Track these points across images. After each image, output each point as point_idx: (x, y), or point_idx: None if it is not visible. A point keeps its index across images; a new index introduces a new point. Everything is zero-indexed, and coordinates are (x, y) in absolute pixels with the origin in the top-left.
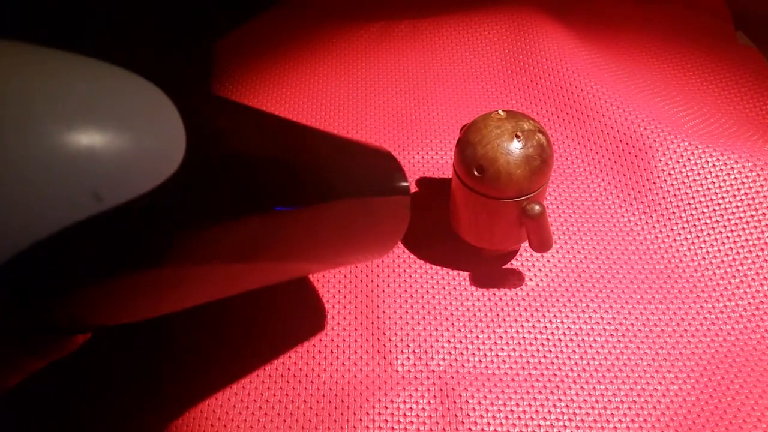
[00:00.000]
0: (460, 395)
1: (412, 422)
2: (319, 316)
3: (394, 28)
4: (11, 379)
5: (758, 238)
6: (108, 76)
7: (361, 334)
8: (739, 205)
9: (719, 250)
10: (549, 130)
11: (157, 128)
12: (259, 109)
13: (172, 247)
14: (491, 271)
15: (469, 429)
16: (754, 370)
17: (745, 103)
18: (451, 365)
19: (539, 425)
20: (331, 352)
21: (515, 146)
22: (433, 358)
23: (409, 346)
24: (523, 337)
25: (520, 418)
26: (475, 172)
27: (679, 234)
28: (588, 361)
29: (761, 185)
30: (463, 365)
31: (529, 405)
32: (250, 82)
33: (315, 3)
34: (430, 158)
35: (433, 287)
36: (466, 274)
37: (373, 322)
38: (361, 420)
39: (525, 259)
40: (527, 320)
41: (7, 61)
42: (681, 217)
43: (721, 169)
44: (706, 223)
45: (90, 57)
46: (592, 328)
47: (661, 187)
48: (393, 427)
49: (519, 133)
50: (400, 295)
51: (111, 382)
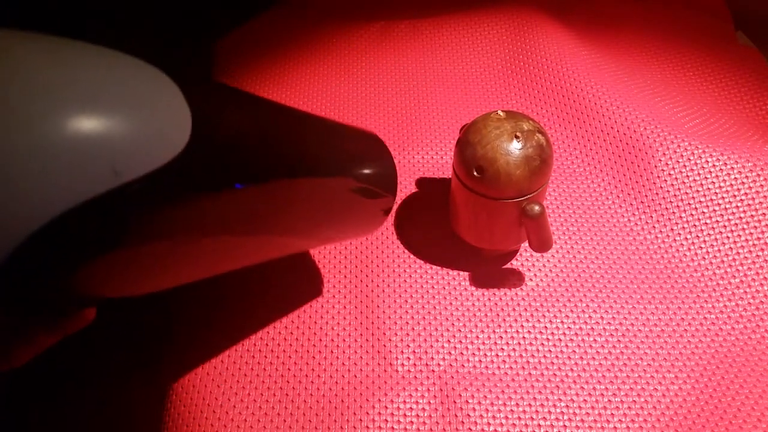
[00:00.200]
0: (460, 395)
1: (412, 422)
2: (319, 316)
3: (394, 28)
4: (25, 354)
5: (758, 238)
6: (119, 63)
7: (361, 334)
8: (739, 205)
9: (719, 250)
10: (549, 130)
11: (166, 110)
12: (252, 94)
13: (181, 217)
14: (491, 271)
15: (469, 429)
16: (754, 370)
17: (745, 103)
18: (451, 365)
19: (539, 425)
20: (331, 352)
21: (515, 146)
22: (433, 358)
23: (409, 346)
24: (523, 337)
25: (520, 418)
26: (475, 173)
27: (679, 234)
28: (588, 361)
29: (761, 185)
30: (463, 365)
31: (529, 405)
32: (250, 82)
33: (315, 3)
34: (430, 158)
35: (433, 287)
36: (466, 274)
37: (373, 322)
38: (361, 420)
39: (525, 259)
40: (527, 320)
41: (25, 47)
42: (681, 217)
43: (721, 169)
44: (706, 223)
45: (98, 45)
46: (592, 328)
47: (661, 187)
48: (393, 427)
49: (518, 134)
50: (400, 295)
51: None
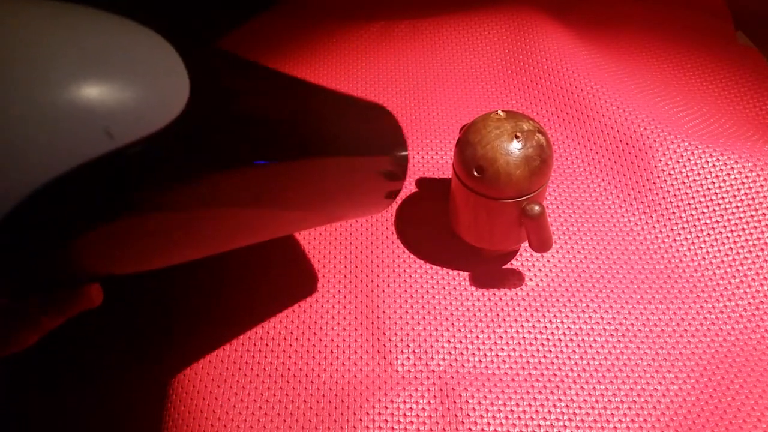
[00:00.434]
0: (460, 395)
1: (412, 422)
2: (320, 316)
3: (394, 28)
4: (27, 338)
5: (758, 238)
6: (116, 26)
7: (361, 334)
8: (739, 205)
9: (719, 250)
10: (549, 130)
11: (162, 75)
12: (260, 63)
13: (181, 187)
14: (491, 271)
15: (469, 429)
16: (754, 370)
17: (745, 103)
18: (451, 365)
19: (539, 425)
20: (331, 352)
21: (515, 146)
22: (433, 358)
23: (409, 346)
24: (523, 337)
25: (520, 418)
26: (475, 173)
27: (679, 234)
28: (588, 361)
29: (761, 185)
30: (463, 365)
31: (529, 405)
32: None
33: (315, 3)
34: (430, 158)
35: (433, 287)
36: (466, 274)
37: (373, 322)
38: (361, 420)
39: (525, 259)
40: (527, 320)
41: (20, 10)
42: (681, 217)
43: (721, 169)
44: (706, 223)
45: (98, 9)
46: (592, 328)
47: (661, 187)
48: (393, 427)
49: (518, 134)
50: (400, 295)
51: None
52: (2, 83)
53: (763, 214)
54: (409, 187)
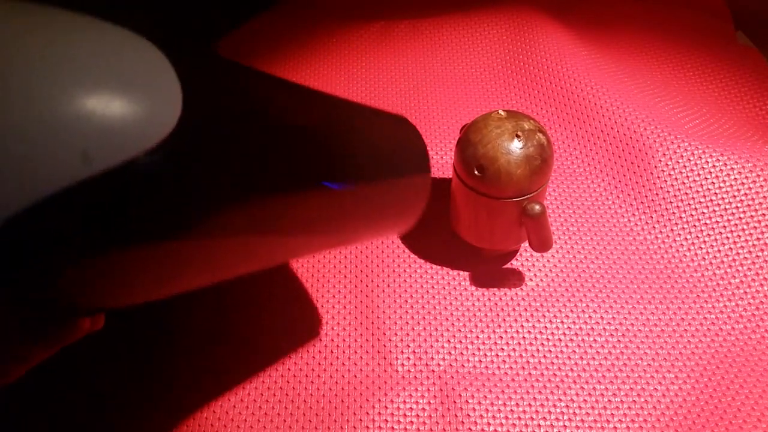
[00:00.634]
0: (460, 395)
1: (412, 422)
2: (320, 316)
3: (394, 28)
4: (16, 370)
5: (758, 239)
6: (100, 34)
7: (361, 334)
8: (739, 205)
9: (719, 250)
10: (549, 130)
11: (151, 89)
12: (273, 75)
13: (173, 216)
14: (491, 271)
15: (469, 429)
16: (754, 370)
17: (745, 103)
18: (451, 365)
19: (539, 425)
20: (331, 352)
21: (516, 146)
22: (433, 358)
23: (409, 346)
24: (523, 337)
25: (520, 418)
26: (476, 172)
27: (679, 234)
28: (588, 361)
29: (761, 185)
30: (463, 365)
31: (529, 405)
32: None
33: (315, 3)
34: (430, 158)
35: (433, 287)
36: (466, 274)
37: (373, 322)
38: (361, 420)
39: (525, 259)
40: (527, 320)
41: None
42: (681, 217)
43: (721, 169)
44: (706, 224)
45: (82, 13)
46: (592, 328)
47: (661, 188)
48: (393, 427)
49: (519, 133)
50: (400, 295)
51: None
52: None
53: (763, 214)
54: None
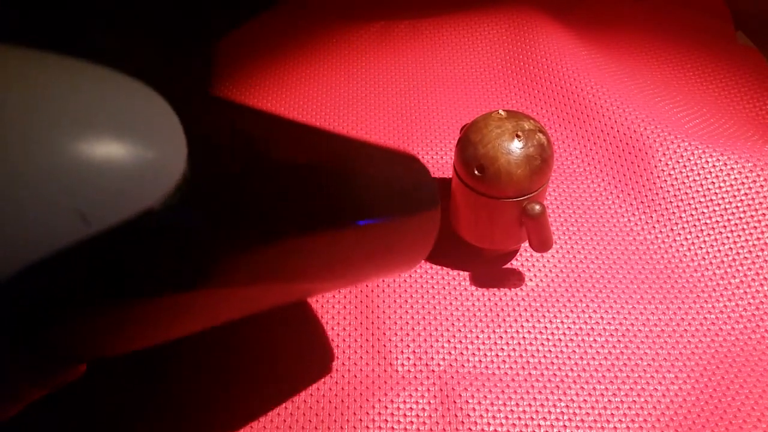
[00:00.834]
0: (460, 395)
1: (412, 422)
2: (319, 316)
3: (394, 28)
4: (11, 410)
5: (758, 238)
6: (96, 81)
7: (361, 334)
8: (739, 205)
9: (719, 250)
10: (549, 130)
11: (152, 139)
12: (278, 115)
13: (170, 273)
14: (491, 271)
15: (469, 429)
16: (754, 370)
17: (745, 103)
18: (451, 365)
19: (539, 425)
20: (331, 351)
21: (516, 146)
22: (433, 358)
23: (409, 346)
24: (523, 337)
25: (520, 418)
26: (476, 172)
27: (679, 234)
28: (588, 361)
29: (761, 185)
30: (463, 365)
31: (529, 405)
32: (250, 83)
33: (315, 3)
34: (430, 158)
35: (433, 287)
36: (466, 274)
37: (373, 322)
38: (361, 420)
39: (525, 259)
40: (527, 320)
41: None
42: (681, 217)
43: (721, 169)
44: (706, 223)
45: (76, 59)
46: (592, 328)
47: (661, 187)
48: (393, 427)
49: (519, 133)
50: (400, 295)
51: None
52: None
53: (763, 214)
54: None
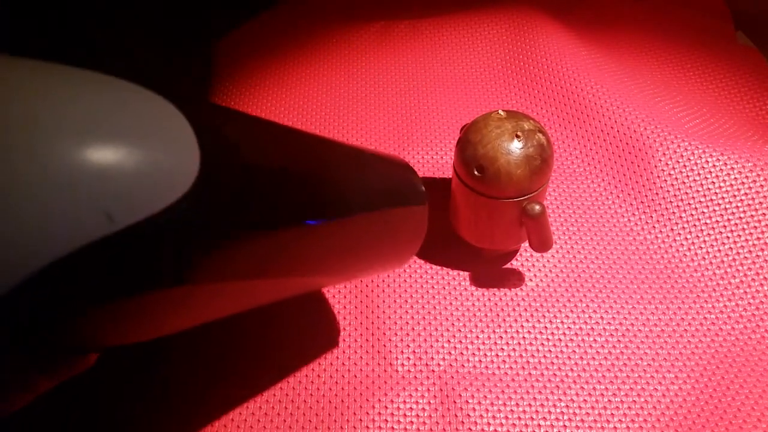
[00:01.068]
0: (460, 395)
1: (412, 422)
2: (319, 316)
3: (394, 28)
4: (22, 400)
5: (758, 238)
6: (115, 91)
7: (361, 334)
8: (739, 205)
9: (719, 250)
10: (549, 130)
11: (170, 144)
12: (272, 121)
13: (188, 267)
14: (491, 271)
15: (469, 429)
16: (754, 370)
17: (745, 103)
18: (451, 365)
19: (539, 425)
20: (331, 351)
21: (515, 146)
22: (433, 358)
23: (409, 346)
24: (523, 337)
25: (520, 418)
26: (476, 172)
27: (679, 234)
28: (588, 361)
29: (761, 185)
30: (463, 365)
31: (529, 405)
32: (249, 83)
33: (315, 3)
34: (430, 158)
35: (433, 287)
36: (466, 274)
37: (373, 322)
38: (361, 420)
39: (525, 259)
40: (527, 320)
41: (13, 77)
42: (681, 217)
43: (721, 169)
44: (706, 223)
45: (95, 71)
46: (592, 328)
47: (661, 187)
48: (393, 427)
49: (519, 133)
50: (400, 295)
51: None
52: None
53: (763, 214)
54: None
